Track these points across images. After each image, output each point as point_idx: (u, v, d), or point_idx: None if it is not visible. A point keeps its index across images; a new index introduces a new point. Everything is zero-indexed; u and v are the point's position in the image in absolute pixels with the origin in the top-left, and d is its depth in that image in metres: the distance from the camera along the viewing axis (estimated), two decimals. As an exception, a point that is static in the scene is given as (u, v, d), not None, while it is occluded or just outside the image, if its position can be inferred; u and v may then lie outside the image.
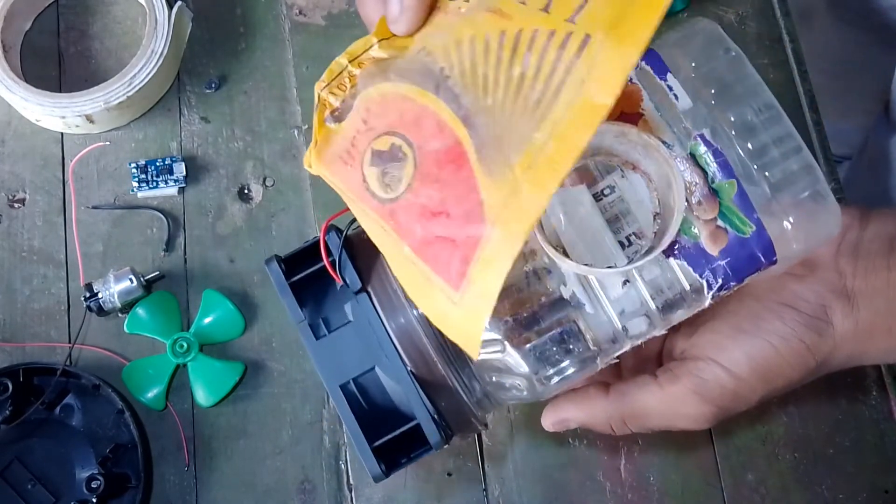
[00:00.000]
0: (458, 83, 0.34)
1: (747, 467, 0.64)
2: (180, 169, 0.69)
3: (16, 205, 0.70)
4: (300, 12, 0.75)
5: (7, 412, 0.62)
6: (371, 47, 0.38)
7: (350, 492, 0.64)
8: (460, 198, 0.32)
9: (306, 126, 0.72)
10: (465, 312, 0.31)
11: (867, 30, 0.87)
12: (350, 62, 0.38)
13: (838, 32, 0.90)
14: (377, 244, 0.35)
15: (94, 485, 0.61)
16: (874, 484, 0.64)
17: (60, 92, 0.70)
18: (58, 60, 0.74)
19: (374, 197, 0.34)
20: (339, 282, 0.42)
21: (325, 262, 0.41)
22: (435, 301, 0.32)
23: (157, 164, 0.70)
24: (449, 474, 0.64)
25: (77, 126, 0.70)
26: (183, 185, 0.70)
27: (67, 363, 0.64)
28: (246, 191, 0.70)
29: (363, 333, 0.41)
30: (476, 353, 0.32)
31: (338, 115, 0.37)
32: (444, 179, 0.33)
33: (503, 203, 0.31)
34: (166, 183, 0.69)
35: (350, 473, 0.64)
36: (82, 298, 0.65)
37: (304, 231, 0.69)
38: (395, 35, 0.39)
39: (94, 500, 0.60)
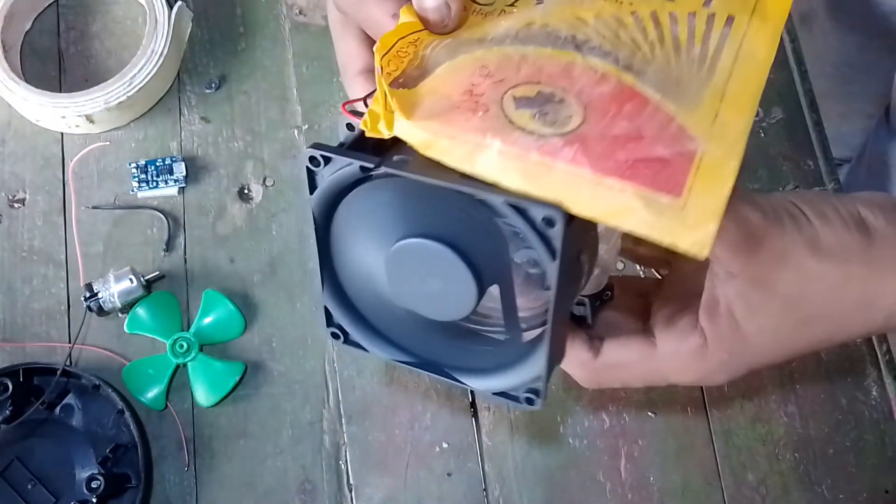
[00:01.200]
0: (603, 45, 0.37)
1: (748, 467, 0.64)
2: (180, 169, 0.69)
3: (16, 205, 0.70)
4: (300, 12, 0.75)
5: (7, 412, 0.62)
6: (410, 34, 0.41)
7: (350, 492, 0.64)
8: (659, 125, 0.34)
9: (306, 126, 0.72)
10: (694, 214, 0.32)
11: (867, 34, 0.87)
12: (399, 40, 0.40)
13: (838, 36, 0.90)
14: (516, 178, 0.34)
15: (94, 485, 0.61)
16: (875, 484, 0.64)
17: (60, 92, 0.70)
18: (58, 60, 0.74)
19: (531, 134, 0.35)
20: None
21: None
22: (645, 215, 0.33)
23: (158, 164, 0.70)
24: (449, 474, 0.64)
25: (77, 126, 0.70)
26: (183, 185, 0.70)
27: (67, 363, 0.64)
28: (246, 191, 0.70)
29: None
30: (707, 251, 0.32)
31: (402, 83, 0.39)
32: (630, 113, 0.35)
33: (709, 124, 0.34)
34: (166, 183, 0.69)
35: (350, 473, 0.64)
36: (82, 298, 0.65)
37: (305, 231, 0.69)
38: (429, 31, 0.41)
39: (94, 500, 0.60)
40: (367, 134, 0.38)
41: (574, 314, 0.42)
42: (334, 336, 0.43)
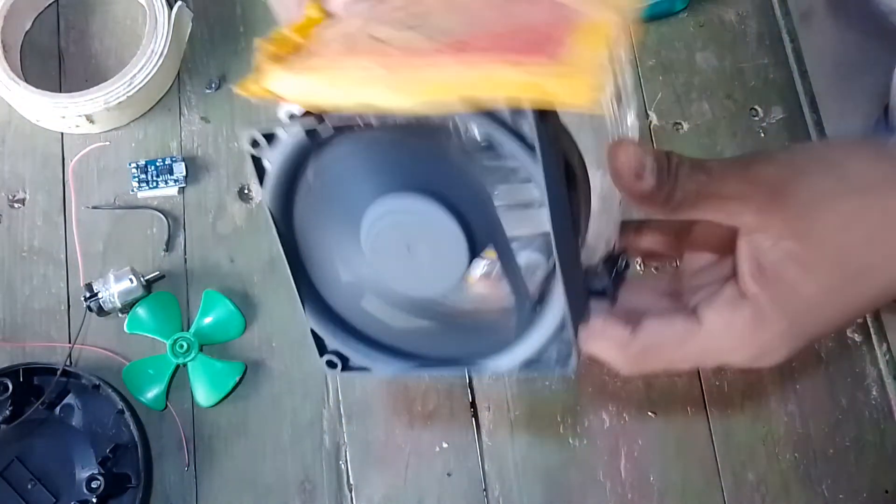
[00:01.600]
0: None
1: (748, 466, 0.64)
2: (180, 168, 0.69)
3: (16, 204, 0.70)
4: (300, 12, 0.75)
5: (7, 412, 0.62)
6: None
7: (350, 491, 0.64)
8: (529, 2, 0.33)
9: (306, 126, 0.72)
10: (574, 68, 0.30)
11: (866, 33, 0.87)
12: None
13: (837, 35, 0.90)
14: (407, 90, 0.32)
15: (94, 485, 0.61)
16: (874, 483, 0.64)
17: (60, 92, 0.70)
18: (58, 60, 0.74)
19: (408, 44, 0.33)
20: None
21: None
22: (530, 79, 0.30)
23: (157, 163, 0.70)
24: (449, 474, 0.64)
25: (77, 126, 0.70)
26: (183, 184, 0.70)
27: (68, 363, 0.64)
28: (246, 190, 0.70)
29: None
30: (590, 99, 0.29)
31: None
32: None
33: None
34: (166, 183, 0.69)
35: (350, 472, 0.64)
36: (82, 298, 0.65)
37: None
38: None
39: (95, 500, 0.60)
40: (240, 92, 0.35)
41: (593, 289, 0.38)
42: (330, 365, 0.39)
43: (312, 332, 0.38)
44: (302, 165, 0.35)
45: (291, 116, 0.35)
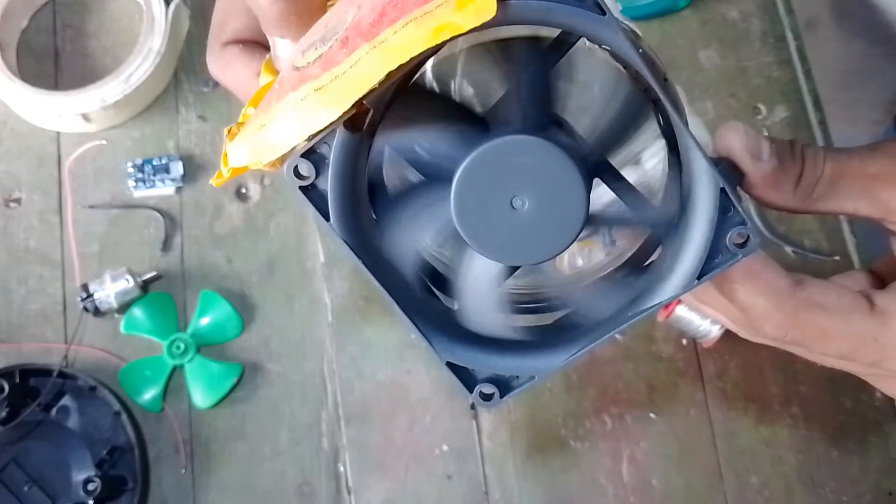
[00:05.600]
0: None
1: (751, 469, 0.64)
2: (177, 168, 0.69)
3: (12, 204, 0.69)
4: (299, 10, 0.75)
5: (3, 414, 0.62)
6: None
7: (349, 494, 0.63)
8: None
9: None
10: None
11: (871, 41, 0.87)
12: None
13: (843, 43, 0.89)
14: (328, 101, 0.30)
15: (90, 487, 0.60)
16: (878, 486, 0.64)
17: (57, 90, 0.70)
18: (54, 58, 0.73)
19: (318, 60, 0.31)
20: None
21: None
22: (433, 28, 0.28)
23: (154, 162, 0.69)
24: (449, 477, 0.64)
25: (73, 125, 0.69)
26: (180, 184, 0.69)
27: (64, 364, 0.63)
28: (244, 190, 0.70)
29: None
30: (490, 11, 0.27)
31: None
32: None
33: None
34: (163, 182, 0.69)
35: (349, 476, 0.64)
36: (79, 299, 0.64)
37: (303, 231, 0.68)
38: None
39: (91, 503, 0.60)
40: (217, 183, 0.33)
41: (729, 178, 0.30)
42: (486, 398, 0.31)
43: (450, 365, 0.31)
44: (354, 174, 0.30)
45: (296, 168, 0.31)
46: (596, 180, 0.31)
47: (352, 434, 0.64)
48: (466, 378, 0.31)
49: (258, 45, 0.40)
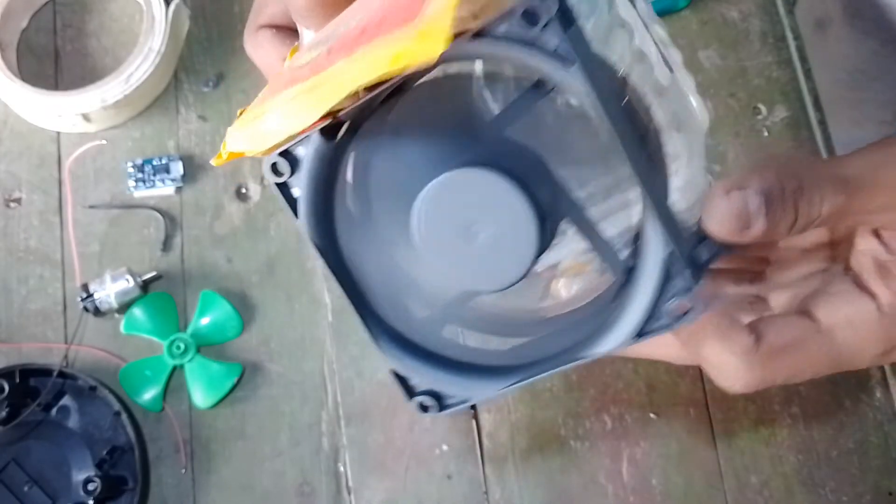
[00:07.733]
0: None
1: (751, 469, 0.64)
2: (177, 168, 0.69)
3: (12, 204, 0.69)
4: (299, 10, 0.74)
5: (3, 414, 0.62)
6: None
7: (349, 494, 0.63)
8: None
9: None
10: (427, 19, 0.27)
11: (881, 40, 0.87)
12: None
13: (852, 43, 0.89)
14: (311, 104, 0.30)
15: (90, 487, 0.60)
16: (878, 486, 0.64)
17: (57, 90, 0.70)
18: (54, 58, 0.73)
19: (307, 64, 0.32)
20: None
21: None
22: (403, 46, 0.28)
23: (155, 163, 0.69)
24: (449, 477, 0.64)
25: (74, 125, 0.69)
26: (180, 184, 0.69)
27: (64, 364, 0.63)
28: (244, 190, 0.70)
29: None
30: (442, 41, 0.26)
31: None
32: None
33: None
34: (163, 182, 0.69)
35: (349, 476, 0.64)
36: (79, 299, 0.64)
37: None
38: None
39: (91, 503, 0.60)
40: (217, 162, 0.34)
41: (697, 261, 0.31)
42: (423, 409, 0.33)
43: (394, 373, 0.33)
44: (328, 183, 0.32)
45: (274, 165, 0.32)
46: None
47: (352, 434, 0.64)
48: (408, 386, 0.33)
49: (291, 31, 0.41)
